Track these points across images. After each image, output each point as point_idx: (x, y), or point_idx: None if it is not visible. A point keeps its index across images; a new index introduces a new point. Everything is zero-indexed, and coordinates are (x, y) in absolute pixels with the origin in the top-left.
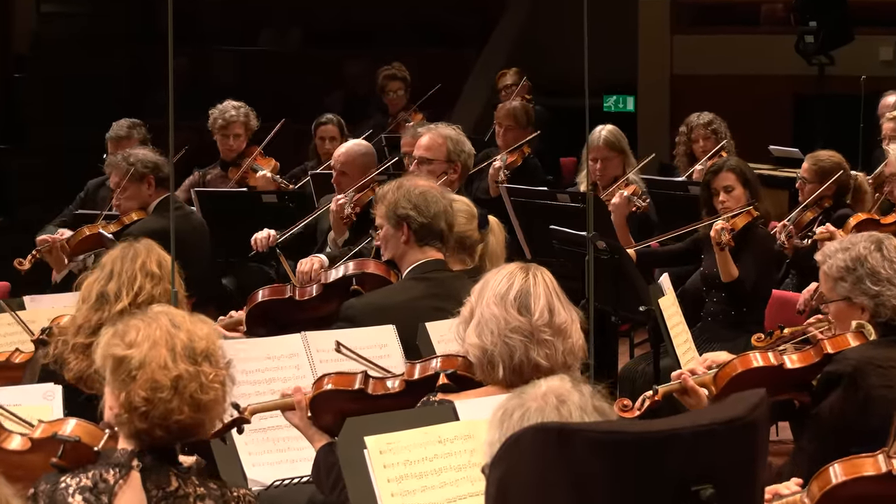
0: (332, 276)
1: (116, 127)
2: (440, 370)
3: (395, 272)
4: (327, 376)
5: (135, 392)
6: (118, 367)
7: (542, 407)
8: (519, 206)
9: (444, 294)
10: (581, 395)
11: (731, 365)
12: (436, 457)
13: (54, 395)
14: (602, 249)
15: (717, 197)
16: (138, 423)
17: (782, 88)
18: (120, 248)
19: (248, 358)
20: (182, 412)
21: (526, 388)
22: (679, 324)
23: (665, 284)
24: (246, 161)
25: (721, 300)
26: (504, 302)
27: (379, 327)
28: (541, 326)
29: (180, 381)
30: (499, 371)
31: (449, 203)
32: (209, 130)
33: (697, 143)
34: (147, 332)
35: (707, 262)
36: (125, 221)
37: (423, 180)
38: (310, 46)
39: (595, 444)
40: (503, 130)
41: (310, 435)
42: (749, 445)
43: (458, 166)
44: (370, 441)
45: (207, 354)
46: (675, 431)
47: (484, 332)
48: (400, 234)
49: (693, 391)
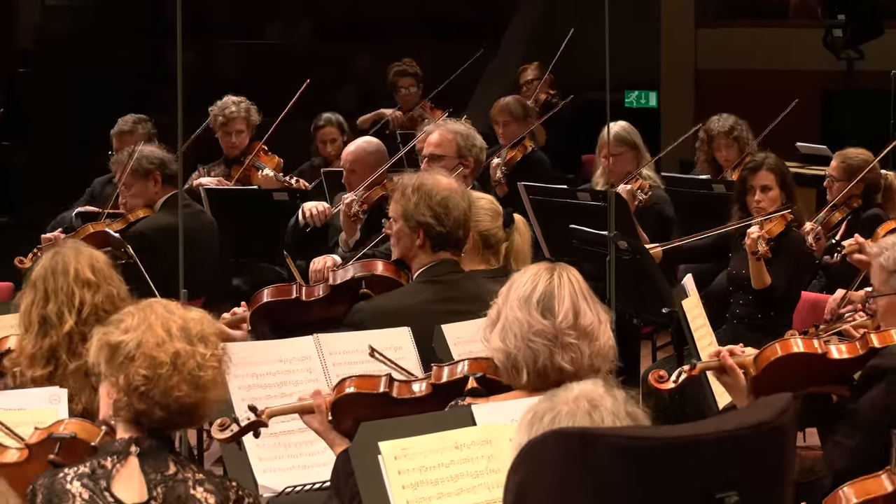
0: (340, 277)
1: (121, 122)
2: (468, 374)
3: (405, 272)
4: (350, 379)
5: (134, 371)
6: (115, 352)
7: (574, 411)
8: (537, 204)
9: (458, 297)
10: (614, 400)
11: (772, 348)
12: (452, 463)
13: (60, 398)
14: (624, 249)
15: (751, 195)
16: (138, 403)
17: (810, 84)
18: (47, 259)
19: (259, 361)
20: (181, 389)
21: (558, 390)
22: (703, 326)
23: (689, 285)
24: (250, 157)
25: (748, 303)
26: (527, 305)
27: (394, 329)
28: (565, 329)
29: (178, 357)
30: (523, 375)
31: (469, 207)
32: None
33: (719, 151)
34: (141, 316)
35: (734, 262)
36: (130, 219)
37: (446, 178)
38: (319, 40)
39: (617, 449)
40: (501, 127)
41: (330, 439)
42: (776, 451)
43: (471, 161)
44: (384, 447)
45: (202, 336)
46: (699, 437)
47: (508, 335)
48: (415, 237)
49: (731, 370)
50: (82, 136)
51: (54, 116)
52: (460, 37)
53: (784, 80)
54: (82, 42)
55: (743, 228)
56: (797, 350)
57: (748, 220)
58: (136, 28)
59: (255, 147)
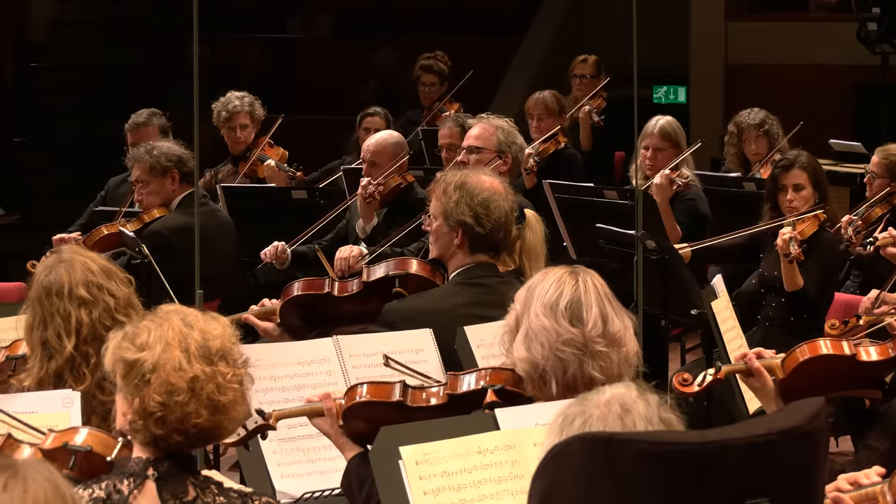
0: (374, 274)
1: (135, 116)
2: (487, 385)
3: (441, 273)
4: (361, 385)
5: (149, 397)
6: (130, 371)
7: (605, 415)
8: (562, 202)
9: (493, 302)
10: (647, 404)
11: (800, 350)
12: (475, 468)
13: (73, 401)
14: (652, 249)
15: (783, 194)
16: (154, 428)
17: (843, 78)
18: (42, 275)
19: (277, 363)
20: (200, 415)
21: (589, 393)
22: (733, 328)
23: (718, 286)
24: (254, 151)
25: (780, 305)
26: (554, 312)
27: (415, 331)
28: (594, 337)
29: (197, 382)
30: (552, 386)
31: (512, 206)
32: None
33: (748, 145)
34: (159, 332)
35: (766, 263)
36: (146, 219)
37: (489, 178)
38: (340, 33)
39: (645, 455)
40: (535, 121)
41: (340, 444)
42: (808, 457)
43: (509, 158)
44: (406, 451)
45: (223, 353)
46: (729, 442)
47: (533, 344)
48: (454, 236)
49: (758, 373)
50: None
51: (67, 112)
52: (485, 30)
53: (817, 75)
54: (95, 36)
55: (774, 228)
56: (826, 352)
57: (780, 220)
58: (150, 21)
59: (261, 142)
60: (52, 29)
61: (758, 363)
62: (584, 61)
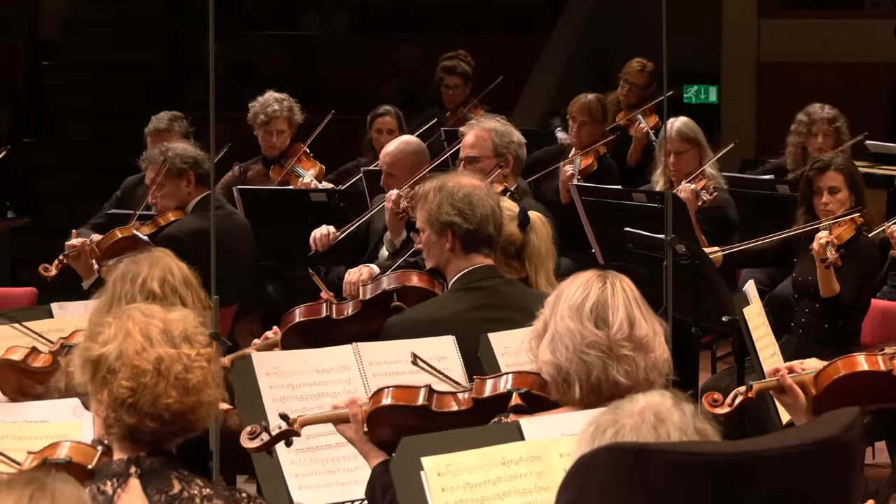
0: (371, 291)
1: (156, 120)
2: (512, 389)
3: (441, 283)
4: (387, 389)
5: (117, 385)
6: (97, 367)
7: (638, 425)
8: (590, 205)
9: (498, 303)
10: (682, 414)
11: (834, 366)
12: (499, 479)
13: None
14: (682, 254)
15: (818, 197)
16: (127, 417)
17: (880, 77)
18: (125, 264)
19: (296, 371)
20: (170, 396)
21: (622, 402)
22: (766, 335)
23: (750, 292)
24: (290, 161)
25: (814, 311)
26: (579, 314)
27: (438, 338)
28: (620, 341)
29: (161, 363)
30: (575, 390)
31: (497, 202)
32: (248, 124)
33: (816, 137)
34: (119, 324)
35: (800, 268)
36: (161, 222)
37: (468, 178)
38: (359, 31)
39: (676, 466)
40: (577, 126)
41: (365, 451)
42: (842, 468)
43: (510, 158)
44: (427, 462)
45: (186, 336)
46: (762, 453)
47: (558, 347)
48: (444, 241)
49: (791, 390)
50: (109, 134)
51: (79, 112)
52: (510, 28)
53: (852, 74)
54: (109, 33)
55: (809, 232)
56: (861, 368)
57: (815, 224)
58: (166, 18)
59: (298, 149)
60: (64, 26)
61: (790, 380)
62: (640, 70)
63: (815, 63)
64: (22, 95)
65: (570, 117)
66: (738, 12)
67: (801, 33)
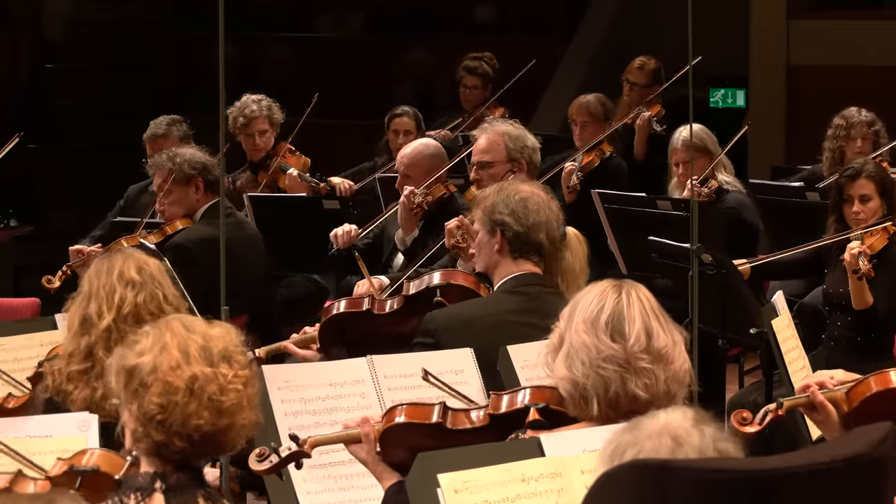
0: (415, 287)
1: (154, 125)
2: (530, 404)
3: (487, 286)
4: (400, 407)
5: (148, 400)
6: (130, 377)
7: (657, 447)
8: (612, 213)
9: (539, 310)
10: (702, 435)
11: (866, 383)
12: (518, 497)
13: (90, 425)
14: (708, 263)
15: (849, 205)
16: (155, 434)
17: None
18: (96, 263)
19: (308, 385)
20: (201, 417)
21: (642, 420)
22: (795, 348)
23: (779, 304)
24: (275, 160)
25: (846, 324)
26: (595, 327)
27: (455, 350)
28: (637, 353)
29: (195, 382)
30: (593, 406)
31: (557, 216)
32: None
33: (854, 141)
34: (157, 335)
35: (831, 279)
36: (168, 230)
37: (531, 186)
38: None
39: (700, 484)
40: (579, 128)
41: (378, 472)
42: (874, 485)
43: (523, 163)
44: (444, 479)
45: (225, 355)
46: (791, 470)
47: (574, 362)
48: (494, 241)
49: (822, 407)
50: (114, 138)
51: (83, 116)
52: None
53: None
54: (114, 34)
55: (840, 242)
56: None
57: (846, 234)
58: (173, 19)
59: (282, 148)
60: (67, 27)
61: (821, 396)
62: (640, 67)
63: (846, 66)
64: (25, 98)
65: (570, 120)
66: (767, 13)
67: (832, 35)
